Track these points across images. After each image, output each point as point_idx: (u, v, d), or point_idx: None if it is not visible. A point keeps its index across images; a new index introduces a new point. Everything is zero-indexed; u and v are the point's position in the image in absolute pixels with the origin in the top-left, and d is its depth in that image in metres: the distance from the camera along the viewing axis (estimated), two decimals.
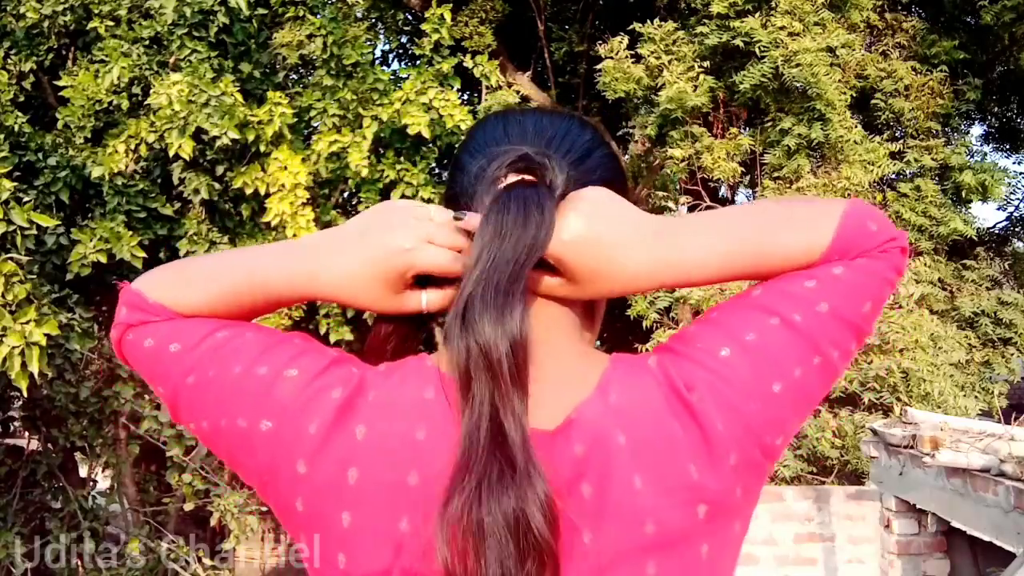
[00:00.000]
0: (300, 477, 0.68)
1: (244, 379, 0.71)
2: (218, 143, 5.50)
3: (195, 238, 5.76)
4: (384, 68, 8.15)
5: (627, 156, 9.79)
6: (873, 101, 7.66)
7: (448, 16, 6.23)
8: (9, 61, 6.05)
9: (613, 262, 0.70)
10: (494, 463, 0.62)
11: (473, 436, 0.63)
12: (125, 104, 5.84)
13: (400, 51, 10.72)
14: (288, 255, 0.76)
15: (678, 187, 8.39)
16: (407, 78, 6.21)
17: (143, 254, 5.12)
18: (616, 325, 9.28)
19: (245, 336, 0.74)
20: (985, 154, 9.10)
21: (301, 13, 6.39)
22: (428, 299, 0.73)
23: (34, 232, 4.77)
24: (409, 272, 0.71)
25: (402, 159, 6.20)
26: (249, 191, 5.83)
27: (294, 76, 7.70)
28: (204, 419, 0.73)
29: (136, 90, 5.94)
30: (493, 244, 0.67)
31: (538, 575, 0.61)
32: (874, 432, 5.02)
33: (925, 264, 7.38)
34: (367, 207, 5.87)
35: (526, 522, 0.61)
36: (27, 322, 3.97)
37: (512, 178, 0.71)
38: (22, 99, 6.18)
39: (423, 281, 0.74)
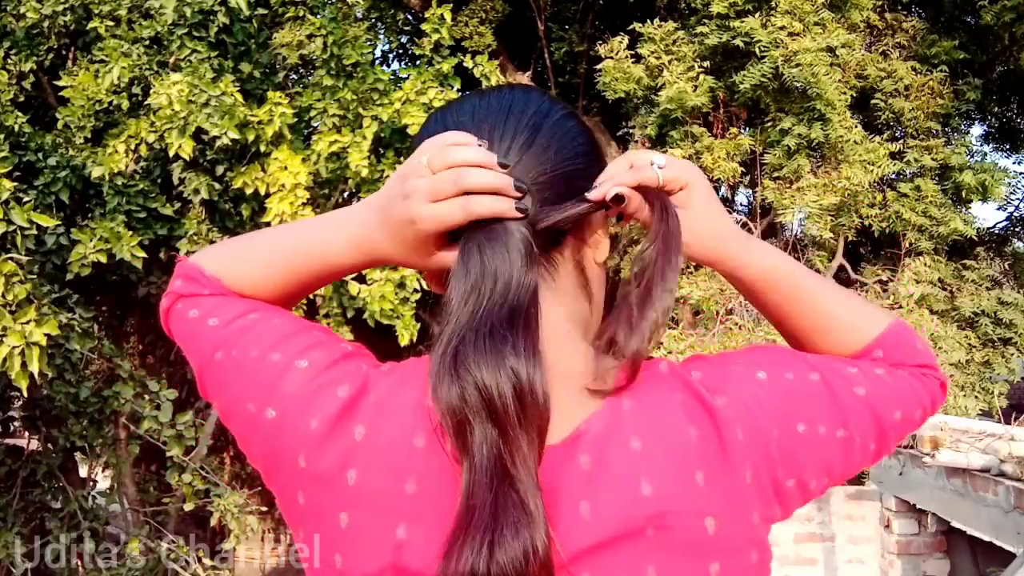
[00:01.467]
0: (301, 471, 0.68)
1: (258, 364, 0.71)
2: (218, 143, 5.50)
3: (195, 238, 5.76)
4: (384, 68, 8.14)
5: None
6: (873, 101, 7.65)
7: (448, 16, 6.22)
8: (9, 61, 6.06)
9: (699, 212, 0.75)
10: (505, 512, 0.60)
11: (477, 483, 0.60)
12: (125, 104, 5.84)
13: (400, 51, 10.72)
14: (338, 229, 0.76)
15: None
16: (407, 78, 6.21)
17: (143, 254, 5.12)
18: None
19: (272, 321, 0.75)
20: (985, 154, 9.08)
21: (301, 13, 6.39)
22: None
23: (34, 232, 4.77)
24: (426, 238, 0.70)
25: (402, 159, 6.19)
26: (249, 191, 5.83)
27: (294, 76, 7.69)
28: (222, 397, 0.74)
29: (136, 90, 5.94)
30: (480, 286, 0.66)
31: None
32: None
33: (925, 264, 7.37)
34: None
35: (536, 568, 0.59)
36: (27, 322, 3.97)
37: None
38: (22, 99, 6.18)
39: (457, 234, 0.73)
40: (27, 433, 6.05)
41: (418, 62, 6.71)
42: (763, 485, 0.68)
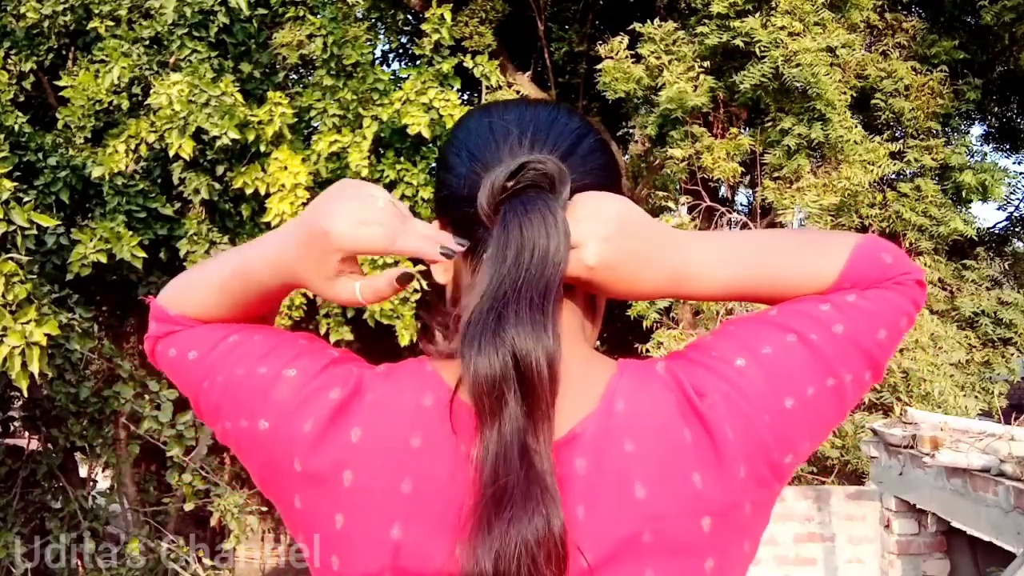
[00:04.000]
0: (297, 475, 0.68)
1: (246, 380, 0.72)
2: (218, 143, 5.50)
3: (195, 238, 5.76)
4: (384, 68, 8.15)
5: (627, 156, 9.79)
6: (873, 101, 7.65)
7: (448, 16, 6.22)
8: (9, 61, 6.06)
9: (631, 280, 0.72)
10: (529, 485, 0.60)
11: (505, 454, 0.61)
12: (125, 104, 5.84)
13: (400, 51, 10.73)
14: (261, 246, 0.77)
15: (678, 187, 8.39)
16: (407, 78, 6.21)
17: (143, 254, 5.12)
18: (616, 325, 9.28)
19: (253, 339, 0.75)
20: (985, 154, 9.07)
21: (301, 13, 6.39)
22: (361, 289, 0.72)
23: (34, 232, 4.76)
24: (333, 255, 0.70)
25: (402, 159, 6.20)
26: (249, 191, 5.83)
27: (294, 76, 7.70)
28: (219, 421, 0.75)
29: (136, 90, 5.95)
30: (521, 256, 0.66)
31: None
32: (874, 432, 5.02)
33: (925, 264, 7.37)
34: None
35: (550, 547, 0.59)
36: (27, 322, 3.97)
37: (514, 184, 0.70)
38: (22, 99, 6.18)
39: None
40: (27, 433, 6.05)
41: (418, 62, 6.72)
42: (758, 473, 0.68)
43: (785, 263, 0.75)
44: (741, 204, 9.59)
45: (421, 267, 5.85)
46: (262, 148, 5.74)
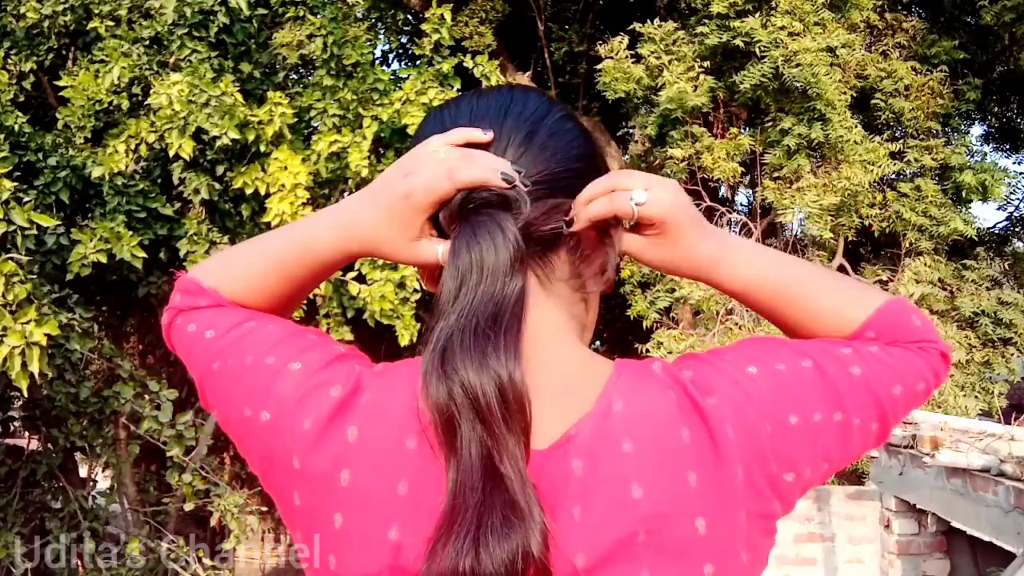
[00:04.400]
0: (295, 472, 0.68)
1: (253, 369, 0.71)
2: (218, 143, 5.50)
3: (195, 238, 5.76)
4: (384, 68, 8.15)
5: (627, 156, 9.79)
6: (873, 101, 7.65)
7: (448, 16, 6.22)
8: (9, 61, 6.06)
9: (689, 241, 0.74)
10: (492, 510, 0.60)
11: (465, 482, 0.61)
12: (125, 104, 5.84)
13: (400, 51, 10.73)
14: (326, 215, 0.77)
15: None
16: (407, 78, 6.21)
17: (143, 254, 5.12)
18: (616, 325, 9.28)
19: (267, 328, 0.75)
20: (985, 154, 9.06)
21: (301, 13, 6.39)
22: (443, 251, 0.70)
23: (34, 232, 4.76)
24: (421, 214, 0.70)
25: None
26: (249, 191, 5.83)
27: (294, 76, 7.69)
28: (221, 406, 0.74)
29: (136, 90, 5.95)
30: (466, 282, 0.66)
31: None
32: None
33: (925, 264, 7.37)
34: None
35: (527, 566, 0.59)
36: (27, 322, 3.97)
37: (464, 203, 0.69)
38: (22, 99, 6.19)
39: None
40: (27, 433, 6.06)
41: (418, 62, 6.72)
42: (756, 483, 0.67)
43: (816, 284, 0.77)
44: (741, 204, 9.59)
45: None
46: (262, 148, 5.75)
